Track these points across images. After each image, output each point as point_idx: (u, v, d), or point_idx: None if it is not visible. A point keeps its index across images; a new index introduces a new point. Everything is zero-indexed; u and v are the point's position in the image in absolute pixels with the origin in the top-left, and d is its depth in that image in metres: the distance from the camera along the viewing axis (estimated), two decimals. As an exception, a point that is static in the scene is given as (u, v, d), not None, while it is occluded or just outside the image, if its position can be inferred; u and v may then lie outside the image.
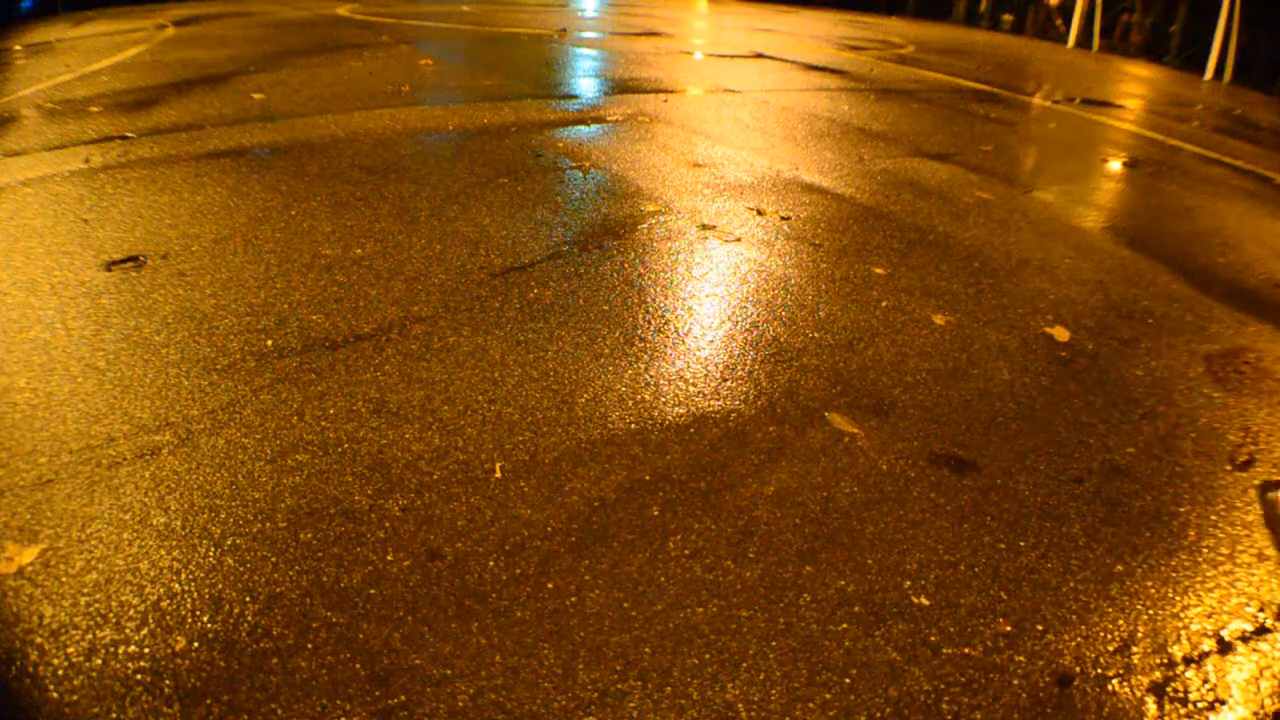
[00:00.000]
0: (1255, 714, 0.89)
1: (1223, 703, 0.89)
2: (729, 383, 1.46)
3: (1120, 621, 0.98)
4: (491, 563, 1.01)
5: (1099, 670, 0.91)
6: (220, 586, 0.95)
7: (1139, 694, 0.89)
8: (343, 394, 1.35)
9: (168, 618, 0.90)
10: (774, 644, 0.91)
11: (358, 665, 0.86)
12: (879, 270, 2.01)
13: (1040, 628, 0.96)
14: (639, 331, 1.62)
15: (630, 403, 1.37)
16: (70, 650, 0.86)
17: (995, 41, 9.11)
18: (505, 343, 1.55)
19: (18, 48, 4.96)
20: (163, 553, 1.00)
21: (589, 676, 0.86)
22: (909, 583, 1.02)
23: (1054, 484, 1.24)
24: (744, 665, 0.88)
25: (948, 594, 1.00)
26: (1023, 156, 3.44)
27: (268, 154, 2.67)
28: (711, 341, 1.60)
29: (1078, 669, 0.91)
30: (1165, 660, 0.93)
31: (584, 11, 8.72)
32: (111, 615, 0.90)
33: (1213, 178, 3.33)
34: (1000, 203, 2.67)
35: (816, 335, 1.66)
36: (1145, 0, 9.12)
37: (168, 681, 0.83)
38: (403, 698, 0.82)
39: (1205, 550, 1.13)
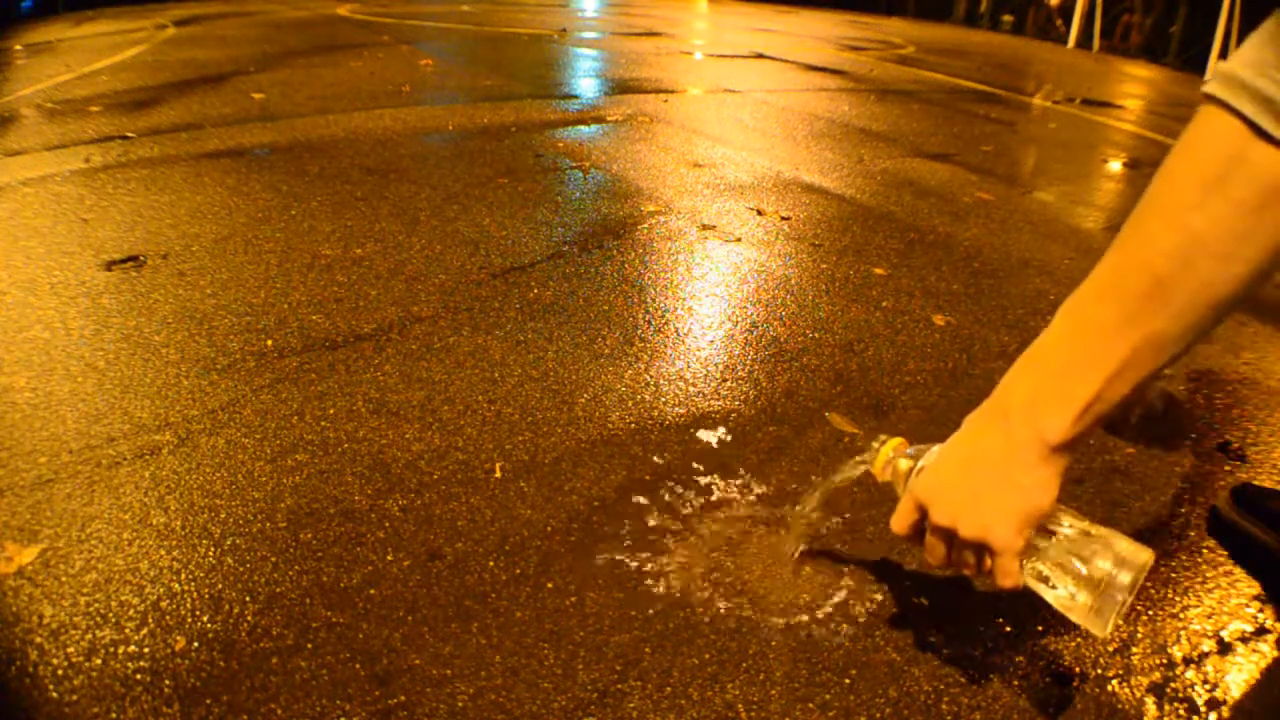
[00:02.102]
0: (1255, 714, 0.89)
1: (1223, 703, 0.89)
2: (729, 383, 1.46)
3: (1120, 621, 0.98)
4: (491, 563, 1.01)
5: (1099, 670, 0.91)
6: (220, 586, 0.95)
7: (1139, 694, 0.89)
8: (343, 394, 1.35)
9: (168, 618, 0.90)
10: (774, 644, 0.91)
11: (358, 665, 0.86)
12: (879, 270, 2.01)
13: (1040, 628, 0.96)
14: (639, 331, 1.62)
15: (630, 403, 1.37)
16: (70, 650, 0.86)
17: (995, 42, 9.11)
18: (505, 343, 1.55)
19: (18, 47, 4.96)
20: (163, 553, 1.00)
21: (589, 676, 0.86)
22: (909, 582, 1.02)
23: (1054, 484, 1.24)
24: (744, 665, 0.88)
25: (948, 594, 1.00)
26: (1023, 157, 3.44)
27: (268, 154, 2.68)
28: (711, 342, 1.60)
29: (1078, 669, 0.91)
30: (1165, 660, 0.93)
31: (584, 11, 8.73)
32: (111, 615, 0.90)
33: (1213, 178, 3.33)
34: (1000, 203, 2.67)
35: (816, 335, 1.66)
36: (1145, 1, 9.12)
37: (168, 681, 0.83)
38: (403, 698, 0.82)
39: (1205, 550, 1.13)
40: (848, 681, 0.87)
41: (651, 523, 1.09)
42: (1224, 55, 7.27)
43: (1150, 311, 0.55)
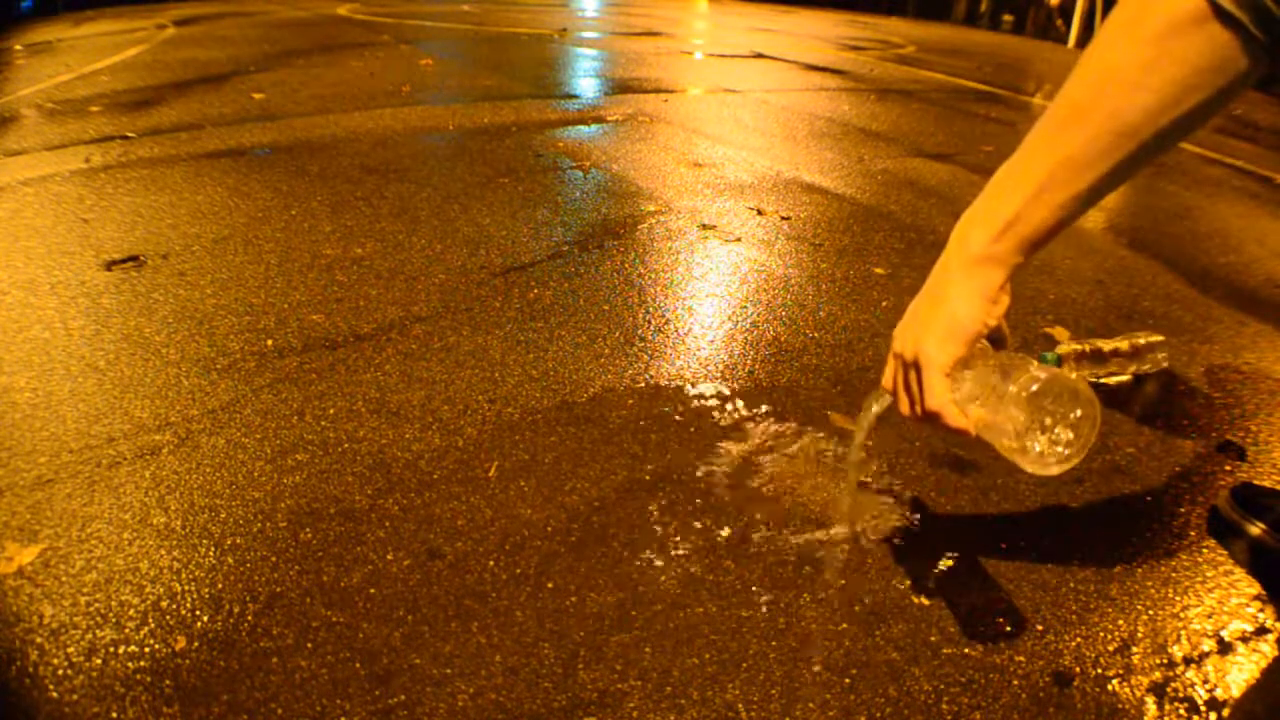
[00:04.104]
0: (1256, 714, 0.89)
1: (1223, 703, 0.89)
2: (729, 383, 1.46)
3: (1120, 621, 0.98)
4: (491, 562, 1.01)
5: (1099, 670, 0.91)
6: (220, 586, 0.95)
7: (1139, 694, 0.89)
8: (343, 394, 1.35)
9: (168, 618, 0.90)
10: (774, 644, 0.91)
11: (358, 665, 0.86)
12: (879, 270, 2.01)
13: (1040, 628, 0.96)
14: (639, 331, 1.62)
15: (630, 402, 1.37)
16: (70, 650, 0.86)
17: (995, 41, 9.11)
18: (505, 342, 1.55)
19: (18, 47, 4.96)
20: (163, 553, 1.00)
21: (589, 676, 0.86)
22: (909, 582, 1.02)
23: (1054, 484, 1.24)
24: (744, 665, 0.88)
25: (948, 594, 1.00)
26: (1023, 156, 3.43)
27: (268, 154, 2.68)
28: (711, 341, 1.60)
29: (1078, 669, 0.91)
30: (1165, 660, 0.93)
31: (584, 11, 8.73)
32: (111, 615, 0.90)
33: (1213, 178, 3.33)
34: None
35: (816, 335, 1.66)
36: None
37: (168, 681, 0.83)
38: (403, 697, 0.82)
39: (1205, 550, 1.13)
40: (848, 681, 0.87)
41: (652, 523, 1.09)
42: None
43: (1066, 136, 0.61)
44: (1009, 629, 0.96)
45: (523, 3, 8.93)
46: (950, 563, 1.06)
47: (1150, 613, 1.01)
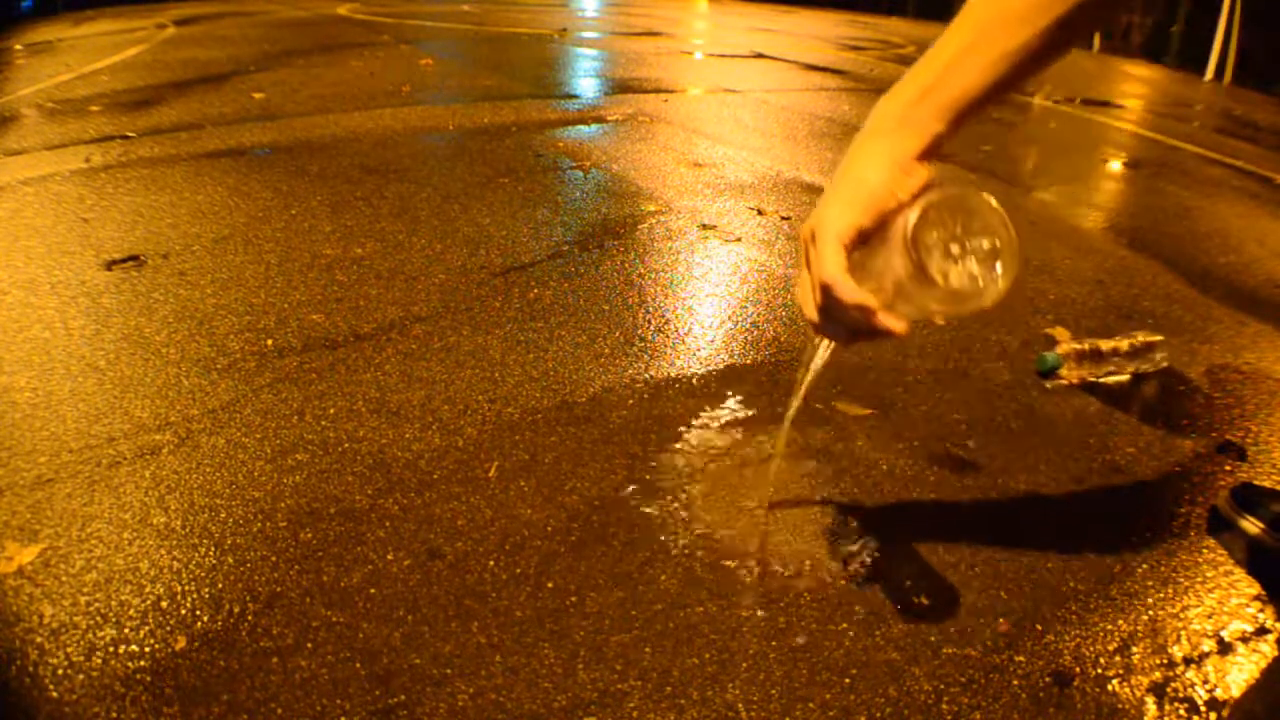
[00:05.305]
0: (1256, 714, 0.89)
1: (1223, 703, 0.89)
2: (729, 383, 1.46)
3: (1120, 621, 0.98)
4: (491, 562, 1.01)
5: (1099, 670, 0.91)
6: (220, 586, 0.95)
7: (1139, 694, 0.89)
8: (343, 393, 1.35)
9: (168, 618, 0.90)
10: (774, 644, 0.91)
11: (358, 665, 0.86)
12: (879, 270, 2.01)
13: (1040, 628, 0.96)
14: (639, 331, 1.62)
15: (630, 402, 1.37)
16: (70, 650, 0.86)
17: (995, 41, 9.08)
18: (505, 342, 1.55)
19: (18, 47, 4.97)
20: (163, 552, 1.00)
21: (589, 676, 0.86)
22: (909, 582, 1.02)
23: (1054, 484, 1.24)
24: (744, 665, 0.88)
25: (947, 594, 1.00)
26: (1023, 156, 3.44)
27: (268, 154, 2.68)
28: (712, 341, 1.60)
29: (1078, 669, 0.91)
30: (1165, 660, 0.93)
31: (584, 11, 8.73)
32: (111, 615, 0.90)
33: (1213, 178, 3.33)
34: (1000, 202, 2.66)
35: (817, 335, 1.66)
36: (1146, 0, 9.11)
37: (168, 681, 0.83)
38: (403, 697, 0.82)
39: (1205, 550, 1.13)
40: (848, 681, 0.87)
41: (652, 523, 1.09)
42: (1224, 55, 7.26)
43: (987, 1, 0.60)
44: (1009, 629, 0.96)
45: (523, 3, 8.93)
46: (950, 563, 1.06)
47: (1150, 613, 1.01)
